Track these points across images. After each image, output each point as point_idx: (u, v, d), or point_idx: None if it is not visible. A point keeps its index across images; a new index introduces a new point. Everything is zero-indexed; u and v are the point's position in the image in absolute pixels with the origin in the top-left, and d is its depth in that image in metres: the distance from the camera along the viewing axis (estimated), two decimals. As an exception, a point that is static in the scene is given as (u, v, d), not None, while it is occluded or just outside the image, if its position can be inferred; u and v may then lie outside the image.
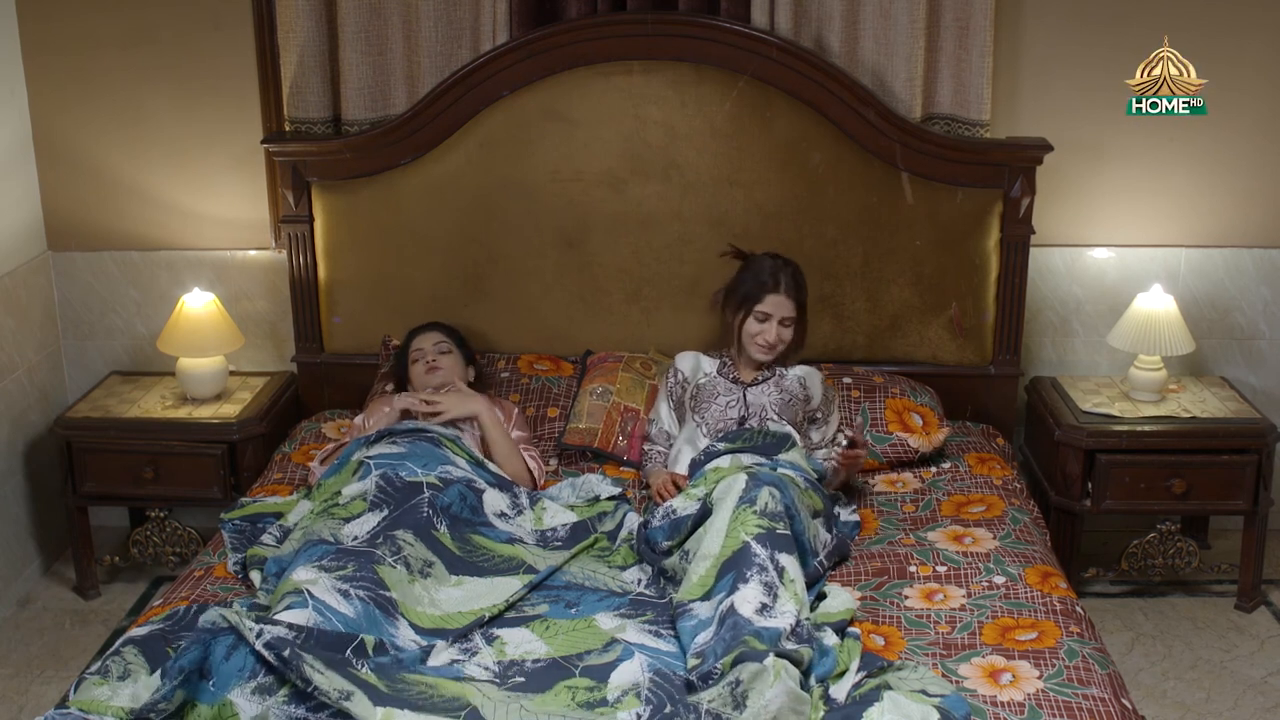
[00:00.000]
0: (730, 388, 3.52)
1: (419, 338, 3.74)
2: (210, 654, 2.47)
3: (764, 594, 2.72)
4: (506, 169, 3.89)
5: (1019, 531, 3.27)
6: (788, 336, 3.47)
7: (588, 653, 2.70)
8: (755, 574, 2.76)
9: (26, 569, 4.08)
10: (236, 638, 2.49)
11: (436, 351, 3.68)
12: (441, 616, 2.82)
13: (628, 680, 2.59)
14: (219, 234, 4.14)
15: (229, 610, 2.53)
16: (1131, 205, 4.04)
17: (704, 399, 3.53)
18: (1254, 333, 4.14)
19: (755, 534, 2.85)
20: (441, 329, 3.77)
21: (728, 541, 2.87)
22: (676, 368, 3.63)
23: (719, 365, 3.58)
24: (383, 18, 3.88)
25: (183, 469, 3.82)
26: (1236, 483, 3.75)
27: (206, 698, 2.45)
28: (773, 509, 2.92)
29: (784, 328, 3.46)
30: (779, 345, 3.47)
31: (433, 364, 3.65)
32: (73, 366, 4.28)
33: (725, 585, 2.77)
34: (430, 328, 3.77)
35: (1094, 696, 2.57)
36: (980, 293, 3.92)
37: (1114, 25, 3.88)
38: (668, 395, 3.63)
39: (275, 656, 2.42)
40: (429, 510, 3.08)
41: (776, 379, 3.52)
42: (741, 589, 2.73)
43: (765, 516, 2.90)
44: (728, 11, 3.82)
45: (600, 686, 2.57)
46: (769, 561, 2.79)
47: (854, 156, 3.82)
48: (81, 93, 4.04)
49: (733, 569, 2.79)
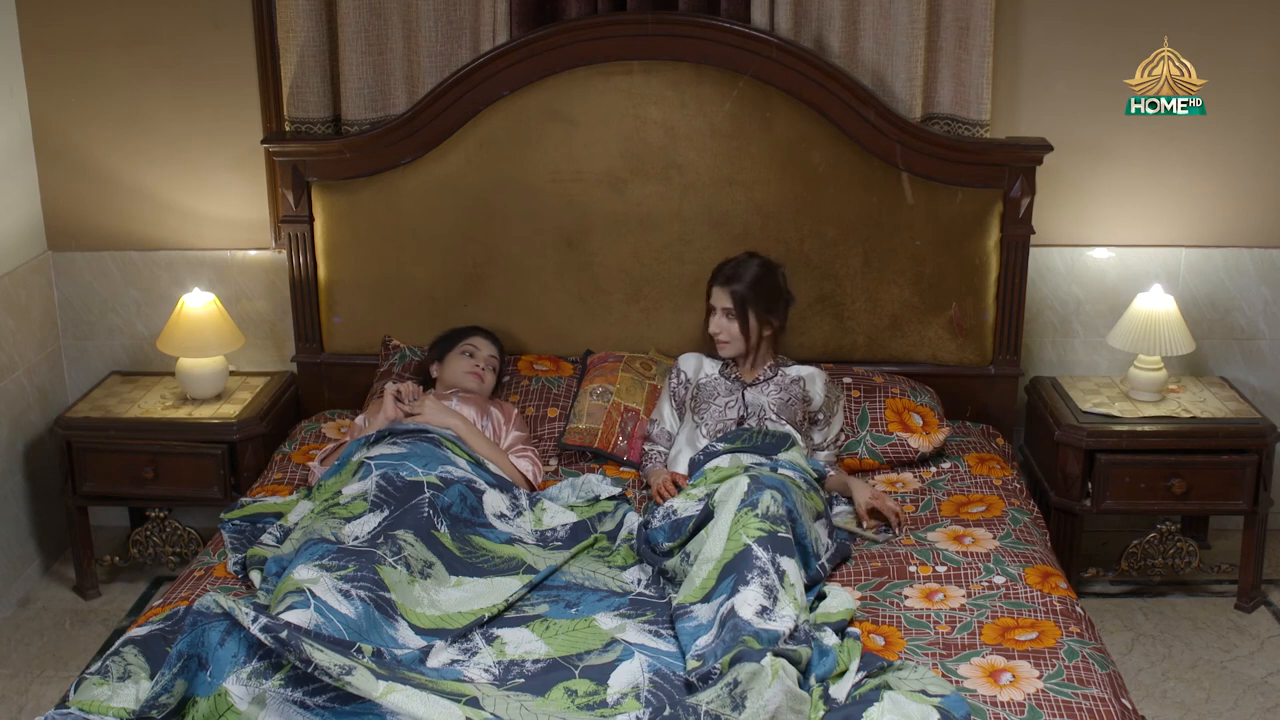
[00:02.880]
0: (730, 388, 3.54)
1: (478, 338, 3.78)
2: (205, 640, 2.45)
3: (764, 596, 2.72)
4: (506, 169, 3.89)
5: (1019, 531, 3.27)
6: (734, 329, 3.51)
7: (588, 653, 2.70)
8: (756, 576, 2.76)
9: (26, 569, 4.08)
10: (230, 623, 2.46)
11: (489, 365, 3.74)
12: (441, 616, 2.82)
13: (627, 682, 2.58)
14: (219, 234, 4.14)
15: (222, 595, 2.49)
16: (1131, 205, 4.04)
17: (704, 399, 3.54)
18: (1254, 333, 4.14)
19: (757, 537, 2.85)
20: (499, 345, 3.82)
21: (729, 544, 2.87)
22: (680, 368, 3.65)
23: (721, 366, 3.60)
24: (383, 18, 3.88)
25: (183, 469, 3.82)
26: (1236, 483, 3.75)
27: (204, 690, 2.44)
28: (775, 512, 2.92)
29: (727, 320, 3.51)
30: (727, 337, 3.52)
31: (480, 371, 3.70)
32: (73, 366, 4.28)
33: (726, 588, 2.77)
34: (492, 338, 3.82)
35: (1094, 696, 2.57)
36: (980, 293, 3.92)
37: (1114, 25, 3.88)
38: (670, 396, 3.64)
39: (273, 639, 2.39)
40: (429, 510, 3.08)
41: (778, 379, 3.54)
42: (742, 591, 2.73)
43: (767, 519, 2.90)
44: (728, 11, 3.82)
45: (600, 689, 2.57)
46: (770, 564, 2.79)
47: (854, 156, 3.82)
48: (81, 92, 4.04)
49: (733, 571, 2.79)
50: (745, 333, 3.51)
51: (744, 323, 3.51)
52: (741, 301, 3.50)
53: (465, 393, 3.66)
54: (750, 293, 3.50)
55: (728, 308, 3.51)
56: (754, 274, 3.52)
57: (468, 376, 3.67)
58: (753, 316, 3.50)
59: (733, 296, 3.50)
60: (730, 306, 3.50)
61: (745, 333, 3.51)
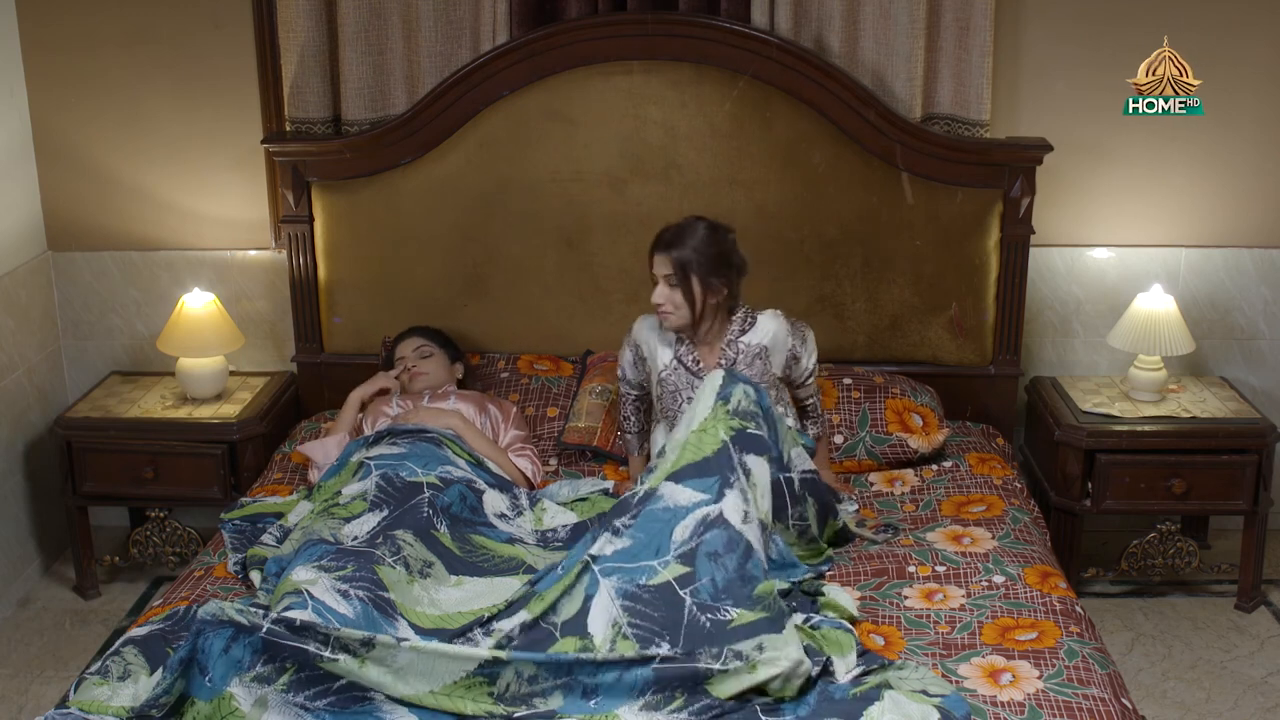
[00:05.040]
0: (691, 381, 3.36)
1: (400, 345, 3.78)
2: (209, 647, 2.47)
3: (742, 500, 2.82)
4: (506, 169, 3.89)
5: (1019, 531, 3.27)
6: (677, 298, 3.26)
7: (559, 602, 2.74)
8: (736, 480, 2.85)
9: (26, 569, 4.08)
10: (235, 631, 2.48)
11: (418, 357, 3.72)
12: (441, 616, 2.82)
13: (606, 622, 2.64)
14: (219, 234, 4.14)
15: (229, 604, 2.51)
16: (1131, 205, 4.04)
17: (666, 395, 3.40)
18: (1254, 333, 4.14)
19: (731, 435, 2.92)
20: (422, 333, 3.79)
21: (706, 440, 2.91)
22: (634, 340, 3.48)
23: (676, 343, 3.39)
24: (382, 18, 3.88)
25: (183, 469, 3.83)
26: (1236, 483, 3.75)
27: (204, 694, 2.45)
28: (745, 408, 2.98)
29: (670, 288, 3.26)
30: (670, 308, 3.27)
31: (414, 369, 3.69)
32: (73, 366, 4.28)
33: (704, 487, 2.83)
34: (410, 333, 3.79)
35: (1094, 696, 2.57)
36: (980, 293, 3.92)
37: (1114, 25, 3.88)
38: (628, 360, 3.51)
39: (286, 628, 2.44)
40: (429, 510, 3.08)
41: (740, 361, 3.34)
42: (728, 495, 2.81)
43: (737, 415, 2.96)
44: (728, 11, 3.82)
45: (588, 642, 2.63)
46: (738, 464, 2.88)
47: (854, 156, 3.82)
48: (81, 92, 4.04)
49: (714, 473, 2.86)
50: (690, 301, 3.25)
51: (687, 291, 3.24)
52: (682, 267, 3.23)
53: (460, 391, 3.66)
54: (694, 256, 3.22)
55: (667, 274, 3.25)
56: (699, 237, 3.25)
57: (412, 382, 3.69)
58: (697, 283, 3.24)
59: (674, 263, 3.23)
60: (670, 273, 3.24)
61: (690, 301, 3.25)
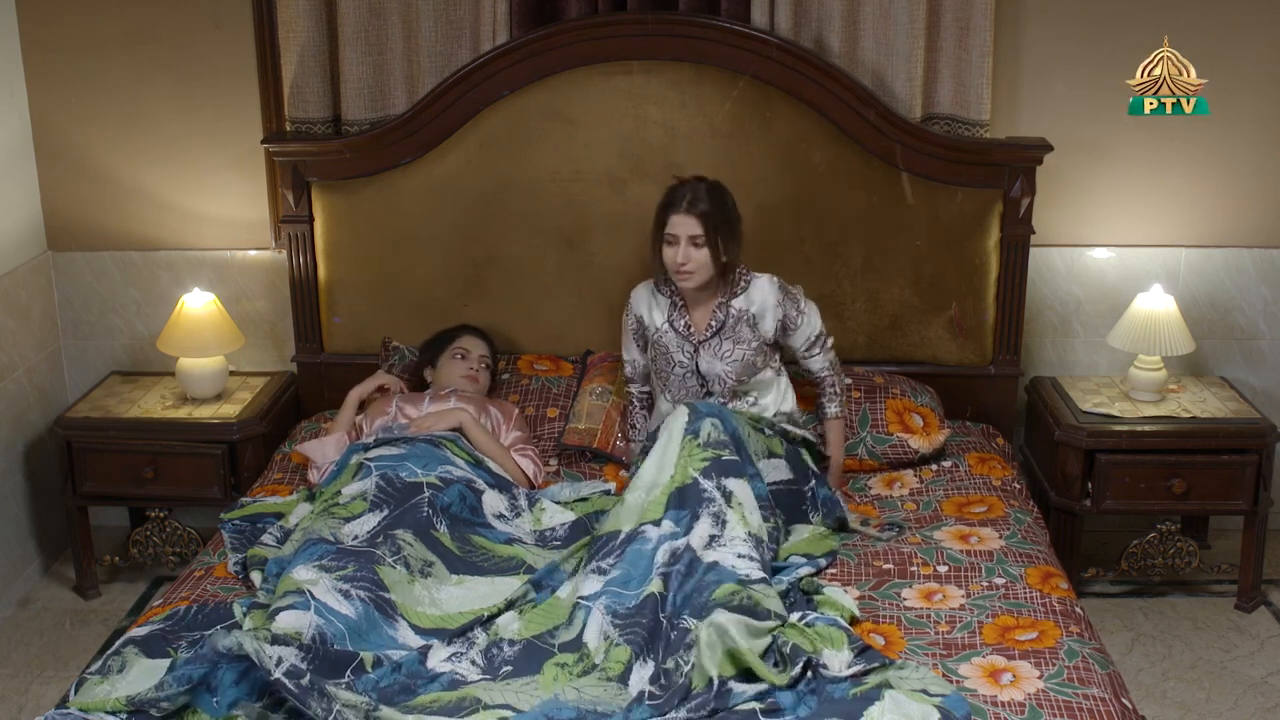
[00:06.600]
0: (681, 344, 3.39)
1: (469, 338, 3.77)
2: (221, 676, 2.49)
3: (712, 525, 2.90)
4: (506, 169, 3.89)
5: (1021, 531, 3.27)
6: (702, 258, 3.28)
7: (556, 629, 2.80)
8: (704, 508, 2.95)
9: (26, 569, 4.08)
10: (248, 665, 2.48)
11: (481, 365, 3.73)
12: (441, 616, 2.83)
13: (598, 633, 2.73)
14: (219, 234, 4.14)
15: (247, 637, 2.48)
16: (1131, 205, 4.04)
17: (659, 356, 3.45)
18: (1254, 333, 4.14)
19: (701, 468, 2.99)
20: (490, 342, 3.80)
21: (678, 474, 2.99)
22: (633, 313, 3.52)
23: (669, 308, 3.43)
24: (382, 18, 3.87)
25: (183, 469, 3.82)
26: (1236, 483, 3.75)
27: (209, 709, 2.48)
28: (716, 438, 3.06)
29: (694, 248, 3.28)
30: (693, 267, 3.29)
31: (474, 374, 3.69)
32: (73, 366, 4.28)
33: (678, 518, 2.92)
34: (482, 335, 3.80)
35: (1094, 696, 2.57)
36: (980, 293, 3.92)
37: (1114, 25, 3.88)
38: (630, 334, 3.55)
39: (295, 685, 2.43)
40: (429, 510, 3.08)
41: (728, 324, 3.37)
42: (696, 527, 2.91)
43: (710, 446, 3.03)
44: (728, 11, 3.82)
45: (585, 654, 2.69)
46: (715, 490, 2.96)
47: (854, 156, 3.82)
48: (81, 92, 4.04)
49: (684, 507, 2.94)
50: (716, 258, 3.29)
51: (715, 249, 3.28)
52: (714, 226, 3.26)
53: (461, 392, 3.66)
54: (720, 217, 3.29)
55: (694, 235, 3.26)
56: (718, 196, 3.31)
57: (463, 380, 3.67)
58: (722, 241, 3.28)
59: (703, 221, 3.26)
60: (699, 233, 3.26)
61: (716, 258, 3.29)
